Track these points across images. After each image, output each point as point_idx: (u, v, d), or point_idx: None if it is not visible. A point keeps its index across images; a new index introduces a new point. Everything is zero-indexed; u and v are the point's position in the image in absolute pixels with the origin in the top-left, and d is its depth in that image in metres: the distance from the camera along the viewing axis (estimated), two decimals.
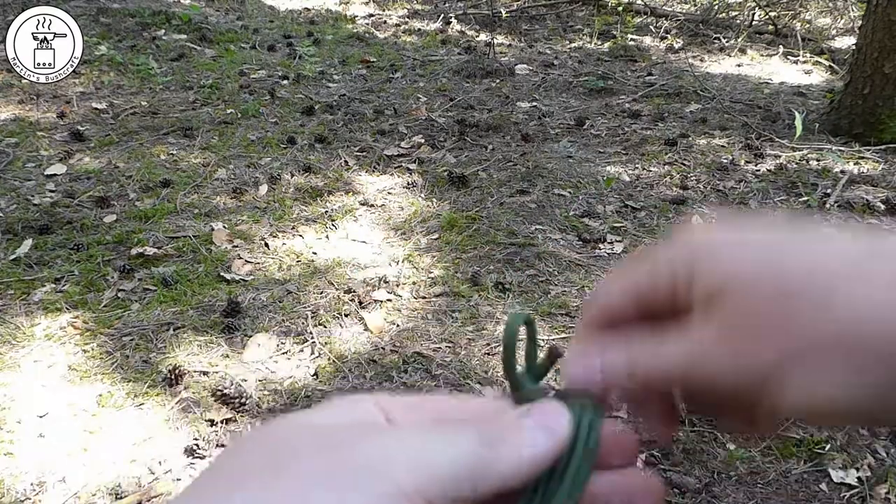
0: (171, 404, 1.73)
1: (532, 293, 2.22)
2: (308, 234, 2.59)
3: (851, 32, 5.59)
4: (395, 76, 4.58)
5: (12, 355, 1.88)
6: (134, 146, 3.27)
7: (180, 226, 2.59)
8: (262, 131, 3.52)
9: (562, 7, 6.52)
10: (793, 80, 4.61)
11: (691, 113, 3.89)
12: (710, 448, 1.62)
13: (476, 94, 4.17)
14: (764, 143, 3.43)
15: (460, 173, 3.02)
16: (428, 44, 5.48)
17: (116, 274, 2.25)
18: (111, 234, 2.49)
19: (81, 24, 4.11)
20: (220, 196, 2.84)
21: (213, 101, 3.93)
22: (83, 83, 4.04)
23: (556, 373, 0.35)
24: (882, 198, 2.82)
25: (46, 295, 2.14)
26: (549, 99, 4.17)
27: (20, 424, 1.65)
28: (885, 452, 1.60)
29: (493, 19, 5.70)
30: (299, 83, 4.35)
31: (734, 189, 2.98)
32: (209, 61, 4.67)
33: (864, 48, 3.43)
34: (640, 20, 6.12)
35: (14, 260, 2.31)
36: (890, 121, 3.37)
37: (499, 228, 2.60)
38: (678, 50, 5.36)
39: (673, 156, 3.28)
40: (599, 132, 3.64)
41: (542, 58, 5.08)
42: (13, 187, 2.81)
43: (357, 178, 3.06)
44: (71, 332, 1.98)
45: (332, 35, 5.63)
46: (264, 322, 2.05)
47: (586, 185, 2.99)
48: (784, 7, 6.15)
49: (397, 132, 3.55)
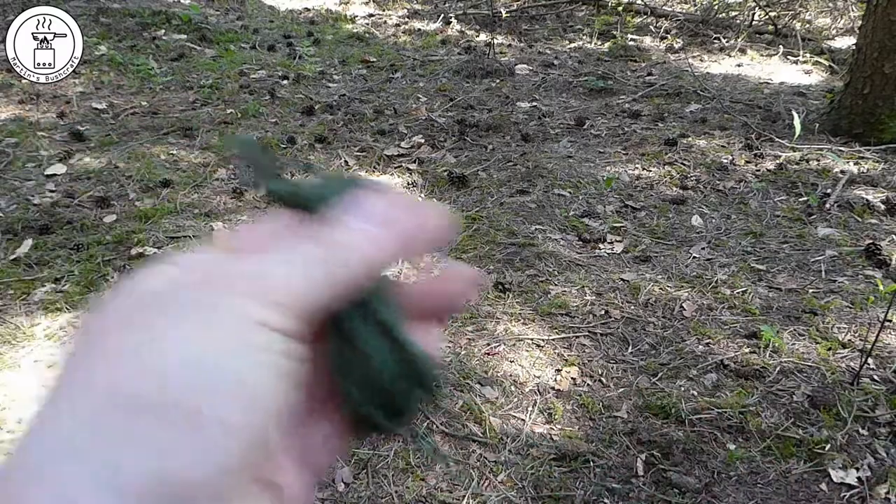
0: None
1: (532, 293, 2.22)
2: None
3: (851, 32, 5.59)
4: (395, 76, 4.58)
5: (12, 355, 1.88)
6: (134, 146, 3.26)
7: (180, 226, 2.59)
8: (262, 131, 3.52)
9: (562, 7, 6.51)
10: (793, 80, 4.61)
11: (691, 113, 3.89)
12: (710, 448, 1.62)
13: (476, 94, 4.17)
14: (764, 143, 3.43)
15: (460, 173, 3.02)
16: (428, 44, 5.48)
17: (116, 274, 2.25)
18: (111, 234, 2.48)
19: (81, 24, 4.11)
20: (220, 196, 2.84)
21: (213, 101, 3.92)
22: (83, 83, 4.04)
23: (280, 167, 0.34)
24: (882, 198, 2.81)
25: (46, 295, 2.14)
26: (549, 99, 4.17)
27: (20, 424, 1.65)
28: (885, 452, 1.60)
29: (493, 19, 5.70)
30: (299, 83, 4.35)
31: (734, 189, 2.98)
32: (209, 61, 4.67)
33: (863, 48, 3.43)
34: (640, 20, 6.12)
35: (14, 260, 2.31)
36: (890, 121, 3.37)
37: (499, 228, 2.60)
38: (678, 50, 5.36)
39: (673, 156, 3.28)
40: (599, 132, 3.64)
41: (542, 58, 5.07)
42: (13, 187, 2.80)
43: None
44: (71, 333, 1.97)
45: (332, 35, 5.63)
46: None
47: (586, 185, 2.99)
48: (784, 7, 6.15)
49: (397, 132, 3.55)
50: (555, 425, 1.69)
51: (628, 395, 1.79)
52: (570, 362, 1.91)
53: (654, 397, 1.77)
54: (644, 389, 1.80)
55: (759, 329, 1.98)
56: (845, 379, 1.82)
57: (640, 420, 1.71)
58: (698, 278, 2.31)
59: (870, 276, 2.31)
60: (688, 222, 2.71)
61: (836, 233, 2.60)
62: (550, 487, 1.52)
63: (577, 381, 1.85)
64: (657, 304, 2.16)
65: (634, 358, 1.94)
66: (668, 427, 1.68)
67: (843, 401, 1.73)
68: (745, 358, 1.91)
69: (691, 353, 1.94)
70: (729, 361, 1.90)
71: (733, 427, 1.68)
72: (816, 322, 2.07)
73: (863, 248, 2.45)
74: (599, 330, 2.05)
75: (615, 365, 1.91)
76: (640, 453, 1.60)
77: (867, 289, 2.22)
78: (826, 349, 1.94)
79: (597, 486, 1.53)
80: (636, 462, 1.58)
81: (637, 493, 1.51)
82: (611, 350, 1.97)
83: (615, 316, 2.11)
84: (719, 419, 1.70)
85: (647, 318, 2.10)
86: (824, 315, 2.10)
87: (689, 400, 1.76)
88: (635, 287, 2.24)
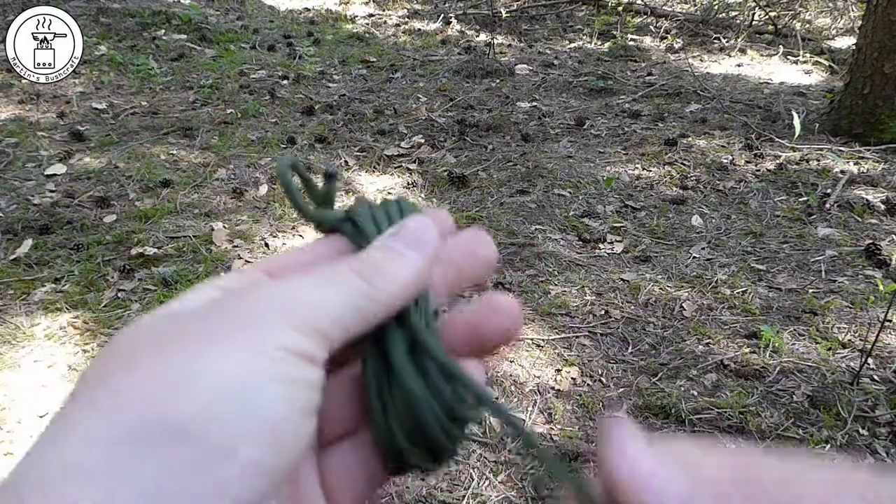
0: None
1: (532, 293, 2.22)
2: (308, 233, 2.59)
3: (851, 32, 5.59)
4: (395, 76, 4.58)
5: (12, 355, 1.88)
6: (134, 146, 3.26)
7: (180, 226, 2.59)
8: (262, 131, 3.52)
9: (562, 7, 6.51)
10: (793, 80, 4.61)
11: (691, 113, 3.89)
12: None
13: (476, 94, 4.17)
14: (764, 143, 3.43)
15: (460, 173, 3.02)
16: (428, 44, 5.48)
17: (116, 274, 2.25)
18: (111, 234, 2.48)
19: (81, 24, 4.11)
20: (220, 196, 2.84)
21: (213, 101, 3.93)
22: (83, 83, 4.04)
23: (342, 193, 0.34)
24: (882, 198, 2.81)
25: (46, 295, 2.14)
26: (549, 99, 4.17)
27: (20, 424, 1.65)
28: (885, 452, 1.60)
29: (493, 19, 5.70)
30: (299, 83, 4.35)
31: (734, 189, 2.98)
32: (209, 61, 4.67)
33: (864, 48, 3.43)
34: (640, 20, 6.12)
35: (14, 260, 2.31)
36: (890, 121, 3.37)
37: (499, 228, 2.60)
38: (678, 50, 5.36)
39: (673, 156, 3.28)
40: (599, 132, 3.64)
41: (542, 58, 5.07)
42: (13, 187, 2.80)
43: (357, 178, 3.06)
44: (71, 332, 1.98)
45: (332, 35, 5.63)
46: None
47: (586, 185, 2.99)
48: (784, 7, 6.15)
49: (397, 132, 3.55)
50: (555, 425, 1.69)
51: (628, 395, 1.79)
52: (570, 362, 1.91)
53: (654, 397, 1.77)
54: (644, 389, 1.80)
55: (759, 329, 1.98)
56: (845, 379, 1.82)
57: (641, 420, 1.71)
58: (698, 278, 2.31)
59: (870, 276, 2.31)
60: (688, 222, 2.71)
61: (836, 233, 2.60)
62: (551, 488, 1.52)
63: (577, 381, 1.85)
64: (657, 304, 2.17)
65: (634, 358, 1.94)
66: (668, 427, 1.68)
67: (843, 401, 1.73)
68: (745, 358, 1.91)
69: (691, 353, 1.94)
70: (729, 361, 1.90)
71: (733, 427, 1.68)
72: (816, 322, 2.07)
73: (863, 248, 2.45)
74: (599, 330, 2.05)
75: (615, 365, 1.91)
76: None
77: (867, 289, 2.22)
78: (826, 349, 1.95)
79: None
80: None
81: None
82: (611, 350, 1.97)
83: (615, 316, 2.11)
84: (719, 419, 1.70)
85: (647, 318, 2.10)
86: (824, 315, 2.10)
87: (689, 400, 1.76)
88: (635, 287, 2.24)
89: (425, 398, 0.27)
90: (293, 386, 0.23)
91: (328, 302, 0.26)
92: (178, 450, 0.21)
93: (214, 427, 0.21)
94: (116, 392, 0.22)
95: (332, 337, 0.25)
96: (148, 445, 0.21)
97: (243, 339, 0.23)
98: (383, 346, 0.28)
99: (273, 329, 0.24)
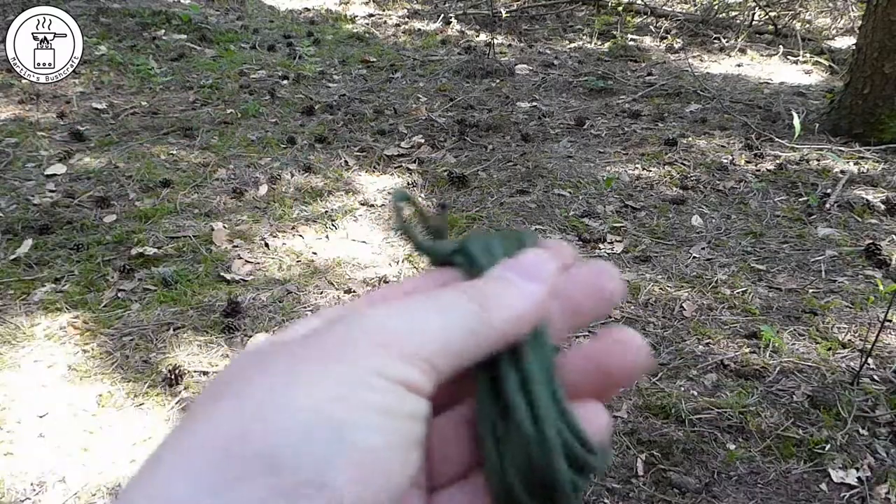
0: (171, 404, 1.73)
1: None
2: (308, 234, 2.59)
3: (851, 32, 5.59)
4: (395, 76, 4.58)
5: (12, 355, 1.88)
6: (134, 146, 3.26)
7: (180, 226, 2.59)
8: (262, 131, 3.52)
9: (562, 7, 6.51)
10: (793, 80, 4.61)
11: (691, 113, 3.89)
12: (710, 448, 1.62)
13: (476, 94, 4.17)
14: (764, 143, 3.43)
15: (460, 173, 3.02)
16: (428, 44, 5.48)
17: (116, 274, 2.25)
18: (111, 234, 2.48)
19: (81, 24, 4.11)
20: (220, 196, 2.84)
21: (213, 101, 3.93)
22: (83, 83, 4.04)
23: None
24: (882, 198, 2.81)
25: (46, 295, 2.14)
26: (549, 99, 4.17)
27: (20, 424, 1.65)
28: (885, 452, 1.60)
29: (493, 19, 5.70)
30: (299, 83, 4.35)
31: (734, 189, 2.98)
32: (209, 61, 4.67)
33: (863, 48, 3.43)
34: (640, 20, 6.12)
35: (14, 260, 2.31)
36: (890, 121, 3.37)
37: (499, 228, 2.60)
38: (678, 50, 5.36)
39: (673, 156, 3.28)
40: (599, 132, 3.64)
41: (542, 58, 5.07)
42: (13, 187, 2.80)
43: (357, 178, 3.06)
44: (71, 332, 1.98)
45: (332, 35, 5.63)
46: (264, 322, 2.05)
47: (586, 185, 2.99)
48: (784, 7, 6.15)
49: (397, 132, 3.55)
50: None
51: (628, 394, 1.79)
52: None
53: (654, 397, 1.77)
54: (644, 389, 1.80)
55: (759, 329, 1.98)
56: (845, 379, 1.82)
57: (640, 420, 1.71)
58: (698, 278, 2.31)
59: (870, 276, 2.31)
60: (688, 222, 2.71)
61: (836, 233, 2.60)
62: None
63: None
64: (657, 304, 2.17)
65: None
66: (667, 427, 1.68)
67: (843, 401, 1.73)
68: (745, 358, 1.91)
69: (691, 353, 1.94)
70: (729, 361, 1.90)
71: (733, 427, 1.68)
72: (816, 322, 2.07)
73: (863, 248, 2.45)
74: (599, 330, 2.05)
75: None
76: (639, 453, 1.60)
77: (867, 289, 2.22)
78: (826, 349, 1.94)
79: (597, 486, 1.53)
80: (636, 462, 1.58)
81: (637, 493, 1.51)
82: None
83: (615, 316, 2.11)
84: (719, 419, 1.70)
85: (647, 318, 2.10)
86: (824, 315, 2.10)
87: (689, 400, 1.76)
88: (635, 287, 2.24)
89: (546, 444, 0.25)
90: (392, 416, 0.22)
91: (435, 326, 0.24)
92: (265, 479, 0.20)
93: (305, 457, 0.21)
94: (208, 420, 0.22)
95: (438, 365, 0.24)
96: (234, 475, 0.20)
97: (338, 367, 0.23)
98: (498, 384, 0.26)
99: (370, 356, 0.23)
